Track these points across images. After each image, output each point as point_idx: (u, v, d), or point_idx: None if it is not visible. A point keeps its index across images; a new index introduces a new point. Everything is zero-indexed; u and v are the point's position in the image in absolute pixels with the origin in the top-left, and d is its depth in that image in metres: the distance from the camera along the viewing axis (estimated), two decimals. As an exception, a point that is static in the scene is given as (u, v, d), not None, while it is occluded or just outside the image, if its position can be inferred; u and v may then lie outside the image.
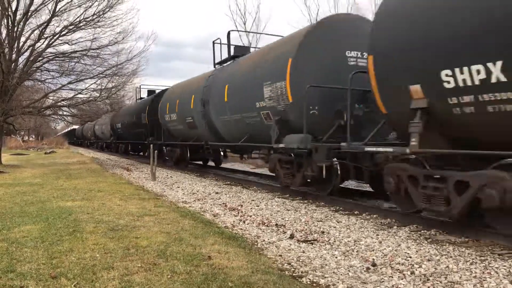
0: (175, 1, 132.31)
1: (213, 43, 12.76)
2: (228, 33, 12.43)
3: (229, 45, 12.31)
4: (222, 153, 15.96)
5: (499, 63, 4.40)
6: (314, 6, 65.26)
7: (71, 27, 15.81)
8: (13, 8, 15.18)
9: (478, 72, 4.60)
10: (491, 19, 4.53)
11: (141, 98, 23.78)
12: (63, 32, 15.84)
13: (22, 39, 15.83)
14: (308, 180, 8.43)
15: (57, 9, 15.40)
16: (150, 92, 22.80)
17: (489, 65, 4.49)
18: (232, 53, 12.17)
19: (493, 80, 4.48)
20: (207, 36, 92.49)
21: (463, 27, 4.78)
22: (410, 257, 4.50)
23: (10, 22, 15.20)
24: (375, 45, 6.02)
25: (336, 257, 4.57)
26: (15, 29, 15.36)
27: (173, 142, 16.23)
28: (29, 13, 15.36)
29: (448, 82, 4.93)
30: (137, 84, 24.59)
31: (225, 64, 12.51)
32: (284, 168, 9.03)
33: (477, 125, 4.95)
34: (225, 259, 4.20)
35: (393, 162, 6.30)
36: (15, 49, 15.59)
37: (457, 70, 4.82)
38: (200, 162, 17.20)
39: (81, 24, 15.86)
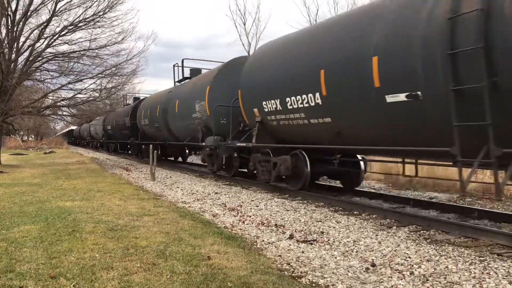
0: (175, 2, 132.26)
1: (174, 66, 17.53)
2: (182, 61, 17.21)
3: (183, 67, 17.17)
4: (187, 151, 20.22)
5: (289, 99, 8.32)
6: (313, 7, 65.24)
7: (70, 27, 15.81)
8: (13, 8, 15.19)
9: (275, 103, 8.85)
10: (291, 76, 8.29)
11: (127, 104, 28.68)
12: (63, 32, 15.85)
13: (22, 39, 15.84)
14: (223, 166, 12.42)
15: (56, 9, 15.41)
16: (135, 99, 27.60)
17: (280, 100, 8.66)
18: (188, 74, 16.68)
19: (281, 107, 8.69)
20: (207, 37, 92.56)
21: (271, 79, 9.02)
22: (410, 258, 4.50)
23: (9, 22, 15.19)
24: (241, 83, 10.32)
25: (336, 258, 4.57)
26: (15, 29, 15.35)
27: (147, 142, 19.86)
28: (29, 13, 15.36)
29: (266, 108, 9.25)
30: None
31: (178, 84, 17.30)
32: (209, 158, 13.05)
33: (280, 131, 9.26)
34: (224, 259, 4.20)
35: (256, 153, 10.32)
36: (15, 49, 15.58)
37: (267, 102, 9.14)
38: (172, 158, 21.41)
39: (81, 24, 15.86)
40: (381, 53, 6.06)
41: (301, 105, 8.01)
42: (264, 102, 9.18)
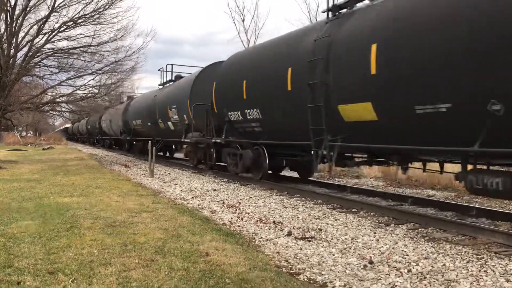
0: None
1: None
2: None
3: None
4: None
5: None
6: (314, 4, 65.14)
7: (70, 23, 15.75)
8: (12, 3, 15.12)
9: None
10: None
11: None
12: (62, 28, 15.79)
13: (21, 34, 15.77)
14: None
15: (56, 5, 15.34)
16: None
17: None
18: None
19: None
20: (206, 34, 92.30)
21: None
22: (407, 255, 4.52)
23: (8, 17, 15.13)
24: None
25: (334, 255, 4.58)
26: (14, 24, 15.30)
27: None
28: (28, 8, 15.29)
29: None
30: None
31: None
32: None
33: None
34: (222, 256, 4.21)
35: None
36: (14, 45, 15.52)
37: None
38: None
39: (80, 21, 15.80)
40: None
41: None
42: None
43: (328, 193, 9.07)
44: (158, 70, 19.74)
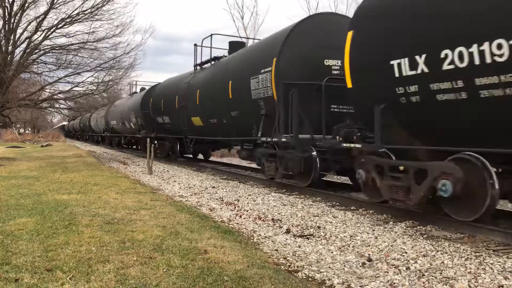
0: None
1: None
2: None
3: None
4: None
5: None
6: (313, 1, 65.09)
7: (68, 20, 15.69)
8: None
9: None
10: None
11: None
12: (61, 25, 15.74)
13: (19, 30, 15.72)
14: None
15: (54, 1, 15.28)
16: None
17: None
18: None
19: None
20: (204, 31, 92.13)
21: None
22: (406, 253, 4.52)
23: (6, 13, 15.08)
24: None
25: (332, 252, 4.58)
26: (12, 20, 15.24)
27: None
28: (26, 5, 15.23)
29: None
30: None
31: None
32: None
33: None
34: (221, 253, 4.20)
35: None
36: (12, 41, 15.46)
37: None
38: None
39: (79, 17, 15.76)
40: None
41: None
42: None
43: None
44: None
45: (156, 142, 18.45)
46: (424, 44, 5.30)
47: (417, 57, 5.34)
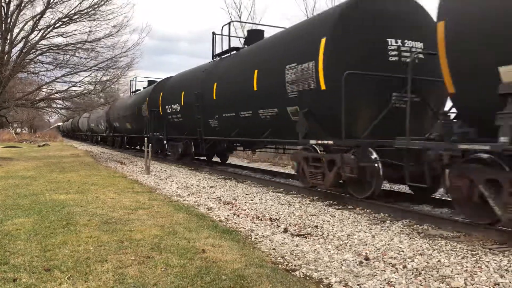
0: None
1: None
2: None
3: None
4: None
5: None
6: (311, 1, 65.04)
7: (65, 20, 15.66)
8: (6, -1, 15.02)
9: None
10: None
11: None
12: (57, 25, 15.70)
13: (16, 30, 15.66)
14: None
15: (51, 1, 15.25)
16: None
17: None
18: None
19: None
20: (201, 31, 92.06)
21: None
22: (403, 251, 4.54)
23: (3, 13, 15.02)
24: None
25: (329, 251, 4.60)
26: (8, 20, 15.19)
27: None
28: (23, 4, 15.19)
29: None
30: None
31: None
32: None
33: None
34: (219, 253, 4.22)
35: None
36: (8, 41, 15.42)
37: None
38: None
39: (76, 17, 15.72)
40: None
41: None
42: None
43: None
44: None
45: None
46: None
47: None
